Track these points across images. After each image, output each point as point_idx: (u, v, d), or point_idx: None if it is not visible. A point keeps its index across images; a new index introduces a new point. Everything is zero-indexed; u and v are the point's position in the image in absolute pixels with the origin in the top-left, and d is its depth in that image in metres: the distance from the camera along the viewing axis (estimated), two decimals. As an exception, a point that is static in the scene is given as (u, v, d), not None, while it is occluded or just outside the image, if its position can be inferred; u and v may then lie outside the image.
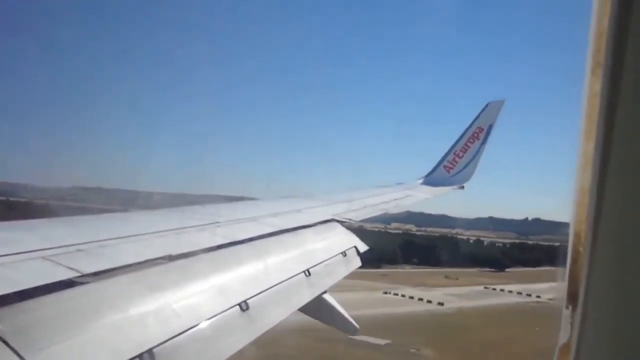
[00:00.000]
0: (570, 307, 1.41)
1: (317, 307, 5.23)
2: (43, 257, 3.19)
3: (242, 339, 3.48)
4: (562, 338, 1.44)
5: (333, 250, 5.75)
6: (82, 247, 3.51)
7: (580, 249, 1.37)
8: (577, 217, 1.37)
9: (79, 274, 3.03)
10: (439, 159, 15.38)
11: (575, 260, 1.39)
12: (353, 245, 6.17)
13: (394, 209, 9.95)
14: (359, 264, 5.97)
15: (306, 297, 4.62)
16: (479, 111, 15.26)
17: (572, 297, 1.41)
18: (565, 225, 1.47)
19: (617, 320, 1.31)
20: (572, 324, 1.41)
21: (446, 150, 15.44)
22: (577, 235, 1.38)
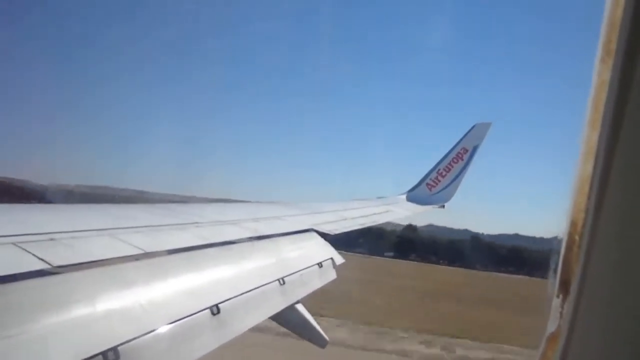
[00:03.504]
0: (560, 296, 1.41)
1: (288, 317, 5.19)
2: (13, 243, 3.12)
3: (210, 343, 3.43)
4: (550, 327, 1.43)
5: (309, 260, 5.73)
6: (54, 236, 3.45)
7: (576, 237, 1.37)
8: (575, 205, 1.37)
9: (48, 265, 2.97)
10: (423, 173, 15.53)
11: (569, 249, 1.39)
12: (330, 256, 6.16)
13: (371, 223, 10.00)
14: (334, 276, 5.96)
15: (279, 306, 4.58)
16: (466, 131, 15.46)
17: (563, 285, 1.40)
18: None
19: (612, 310, 1.30)
20: (561, 313, 1.40)
21: (431, 166, 15.60)
22: (573, 223, 1.37)
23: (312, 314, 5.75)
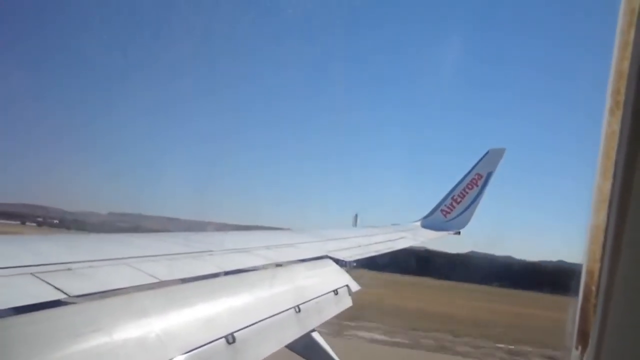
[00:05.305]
0: (579, 348, 1.38)
1: (304, 345, 5.12)
2: (31, 274, 3.15)
3: None
4: None
5: (325, 287, 5.67)
6: (72, 266, 3.47)
7: (593, 287, 1.34)
8: (590, 255, 1.35)
9: (64, 295, 2.98)
10: (438, 200, 15.40)
11: (587, 299, 1.36)
12: (345, 284, 6.09)
13: (387, 249, 9.90)
14: (350, 303, 5.88)
15: (295, 334, 4.52)
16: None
17: (582, 336, 1.37)
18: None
19: None
20: None
21: (446, 192, 15.49)
22: (589, 273, 1.36)
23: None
